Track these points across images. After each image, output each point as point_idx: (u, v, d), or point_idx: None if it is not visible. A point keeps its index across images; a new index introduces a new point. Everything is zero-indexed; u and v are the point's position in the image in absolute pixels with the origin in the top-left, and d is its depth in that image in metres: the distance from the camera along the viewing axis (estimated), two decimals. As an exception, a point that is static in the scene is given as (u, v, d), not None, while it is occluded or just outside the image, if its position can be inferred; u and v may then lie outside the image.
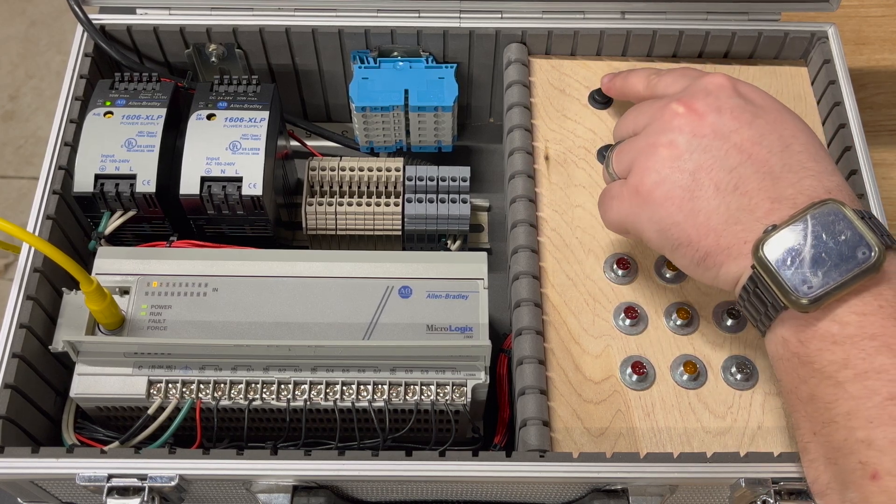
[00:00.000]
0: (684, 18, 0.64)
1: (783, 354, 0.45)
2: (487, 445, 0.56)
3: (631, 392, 0.53)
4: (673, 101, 0.49)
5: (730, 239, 0.45)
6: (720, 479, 0.49)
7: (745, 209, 0.45)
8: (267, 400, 0.51)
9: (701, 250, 0.46)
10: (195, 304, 0.53)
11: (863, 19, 0.83)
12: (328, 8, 0.64)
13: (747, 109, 0.47)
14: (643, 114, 0.51)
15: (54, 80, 1.50)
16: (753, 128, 0.47)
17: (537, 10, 0.64)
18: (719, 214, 0.46)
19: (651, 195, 0.47)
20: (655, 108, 0.50)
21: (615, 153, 0.51)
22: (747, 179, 0.45)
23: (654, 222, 0.48)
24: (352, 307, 0.53)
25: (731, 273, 0.46)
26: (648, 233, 0.49)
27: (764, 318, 0.45)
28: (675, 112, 0.48)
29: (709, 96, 0.48)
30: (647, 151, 0.48)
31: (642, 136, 0.49)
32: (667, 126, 0.48)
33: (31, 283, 0.53)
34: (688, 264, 0.48)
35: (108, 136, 0.56)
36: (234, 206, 0.56)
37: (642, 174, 0.48)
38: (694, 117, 0.47)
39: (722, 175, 0.46)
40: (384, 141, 0.65)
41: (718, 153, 0.46)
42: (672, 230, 0.47)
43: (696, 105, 0.48)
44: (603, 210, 0.52)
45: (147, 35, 0.63)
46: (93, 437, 0.53)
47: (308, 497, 0.49)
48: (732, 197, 0.45)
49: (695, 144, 0.47)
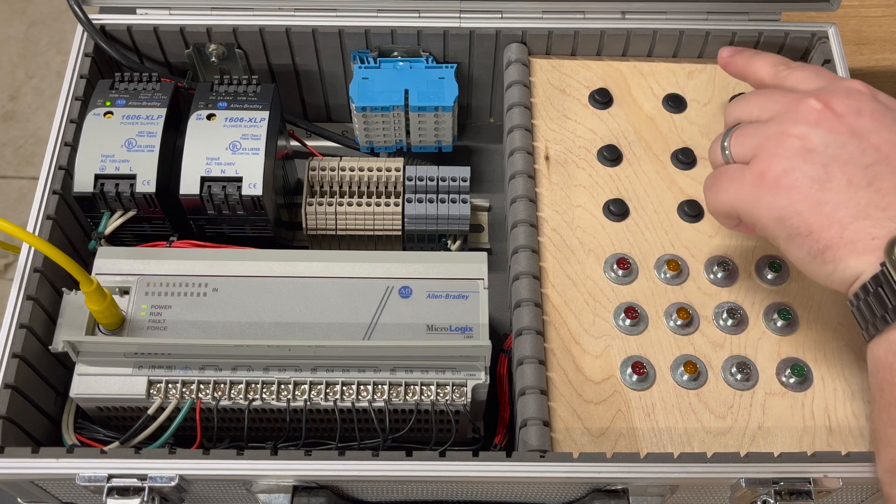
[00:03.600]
0: (684, 18, 0.64)
1: (892, 363, 0.43)
2: (487, 445, 0.56)
3: (631, 392, 0.53)
4: (810, 96, 0.47)
5: (856, 233, 0.44)
6: (720, 479, 0.49)
7: (876, 206, 0.44)
8: (267, 400, 0.51)
9: (821, 242, 0.45)
10: (195, 304, 0.53)
11: (863, 19, 0.83)
12: (328, 8, 0.64)
13: (888, 115, 0.46)
14: (772, 101, 0.49)
15: (54, 80, 1.50)
16: (893, 132, 0.45)
17: (537, 10, 0.64)
18: (848, 208, 0.44)
19: (778, 182, 0.46)
20: (789, 100, 0.48)
21: (735, 135, 0.49)
22: (883, 178, 0.44)
23: (774, 209, 0.46)
24: (352, 307, 0.53)
25: (851, 269, 0.44)
26: (766, 219, 0.47)
27: (879, 321, 0.43)
28: (812, 107, 0.46)
29: (849, 98, 0.47)
30: (778, 139, 0.47)
31: (772, 123, 0.48)
32: (802, 119, 0.46)
33: (31, 283, 0.53)
34: (803, 256, 0.46)
35: (108, 136, 0.56)
36: (234, 206, 0.56)
37: (770, 160, 0.46)
38: (832, 115, 0.46)
39: (856, 171, 0.45)
40: (384, 141, 0.65)
41: (855, 150, 0.45)
42: (793, 219, 0.45)
43: (836, 105, 0.46)
44: (715, 191, 0.50)
45: (147, 35, 0.63)
46: (93, 437, 0.53)
47: (308, 497, 0.49)
48: (865, 192, 0.44)
49: (830, 140, 0.46)
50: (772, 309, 0.55)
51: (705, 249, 0.57)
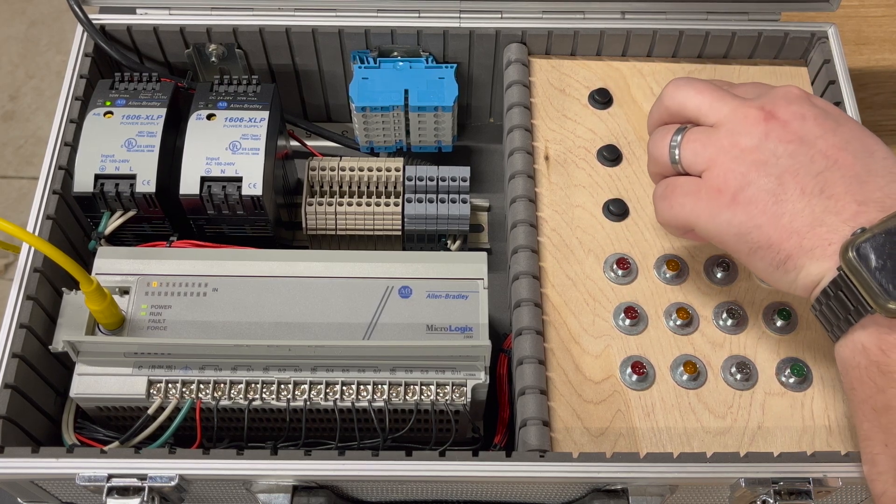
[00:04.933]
0: (684, 18, 0.64)
1: (860, 362, 0.43)
2: (487, 445, 0.56)
3: (631, 392, 0.53)
4: (752, 105, 0.47)
5: (814, 241, 0.44)
6: (720, 479, 0.49)
7: (830, 212, 0.44)
8: (267, 400, 0.51)
9: (782, 253, 0.45)
10: (195, 304, 0.53)
11: (863, 19, 0.83)
12: (328, 8, 0.64)
13: (829, 118, 0.47)
14: (722, 102, 0.49)
15: (54, 80, 1.50)
16: (838, 134, 0.46)
17: (537, 10, 0.64)
18: (804, 217, 0.45)
19: (735, 198, 0.46)
20: (736, 105, 0.48)
21: (687, 141, 0.49)
22: (834, 183, 0.45)
23: (733, 225, 0.47)
24: (352, 307, 0.53)
25: (812, 276, 0.45)
26: (724, 235, 0.47)
27: (843, 323, 0.44)
28: (756, 118, 0.47)
29: (791, 104, 0.47)
30: (731, 152, 0.47)
31: (723, 134, 0.48)
32: (750, 130, 0.47)
33: (31, 283, 0.53)
34: (766, 267, 0.47)
35: (108, 136, 0.56)
36: (234, 206, 0.56)
37: (725, 175, 0.47)
38: (778, 124, 0.46)
39: (808, 179, 0.45)
40: (384, 141, 0.65)
41: (804, 158, 0.45)
42: (753, 233, 0.46)
43: (780, 113, 0.47)
44: (670, 204, 0.50)
45: (147, 35, 0.63)
46: (93, 437, 0.53)
47: (308, 497, 0.49)
48: (818, 200, 0.45)
49: (780, 150, 0.46)
50: (771, 309, 0.55)
51: (705, 249, 0.57)
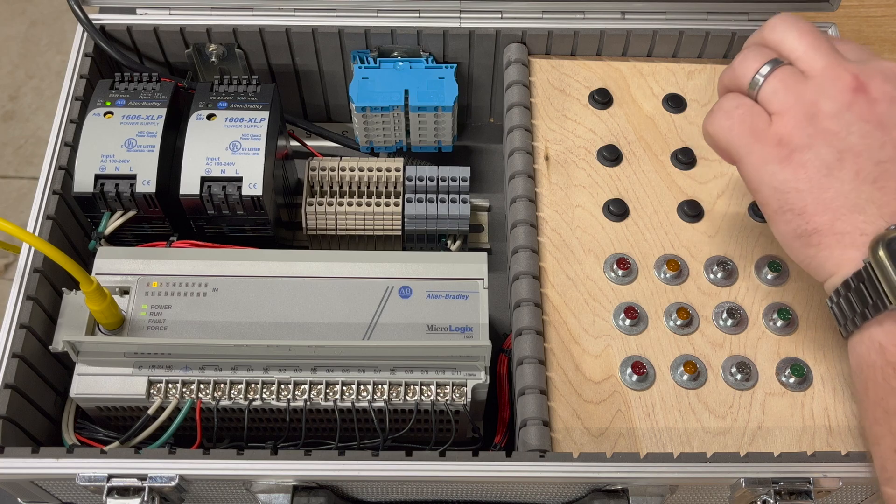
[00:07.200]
0: (684, 18, 0.64)
1: (875, 361, 0.43)
2: (487, 445, 0.56)
3: (631, 392, 0.53)
4: (847, 70, 0.46)
5: (847, 225, 0.44)
6: (720, 479, 0.49)
7: (874, 202, 0.44)
8: (267, 400, 0.51)
9: (811, 224, 0.45)
10: (195, 305, 0.53)
11: (863, 19, 0.83)
12: (328, 8, 0.64)
13: None
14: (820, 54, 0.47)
15: (54, 80, 1.50)
16: None
17: (537, 10, 0.64)
18: (847, 199, 0.44)
19: (791, 156, 0.45)
20: (831, 62, 0.46)
21: (775, 76, 0.47)
22: (890, 176, 0.44)
23: (777, 179, 0.46)
24: (352, 307, 0.53)
25: (833, 259, 0.44)
26: (762, 184, 0.46)
27: (858, 317, 0.43)
28: (846, 84, 0.45)
29: (886, 83, 0.46)
30: (809, 109, 0.46)
31: (809, 87, 0.46)
32: (836, 95, 0.45)
33: (31, 283, 0.53)
34: (787, 231, 0.46)
35: (108, 136, 0.56)
36: (234, 206, 0.56)
37: (792, 130, 0.46)
38: (864, 99, 0.45)
39: (868, 164, 0.44)
40: (384, 141, 0.65)
41: (874, 143, 0.45)
42: (791, 195, 0.45)
43: (871, 88, 0.45)
44: (727, 125, 0.48)
45: (147, 35, 0.63)
46: (93, 437, 0.53)
47: (308, 497, 0.49)
48: (867, 187, 0.44)
49: (856, 127, 0.45)
50: (771, 309, 0.55)
51: (705, 249, 0.57)
